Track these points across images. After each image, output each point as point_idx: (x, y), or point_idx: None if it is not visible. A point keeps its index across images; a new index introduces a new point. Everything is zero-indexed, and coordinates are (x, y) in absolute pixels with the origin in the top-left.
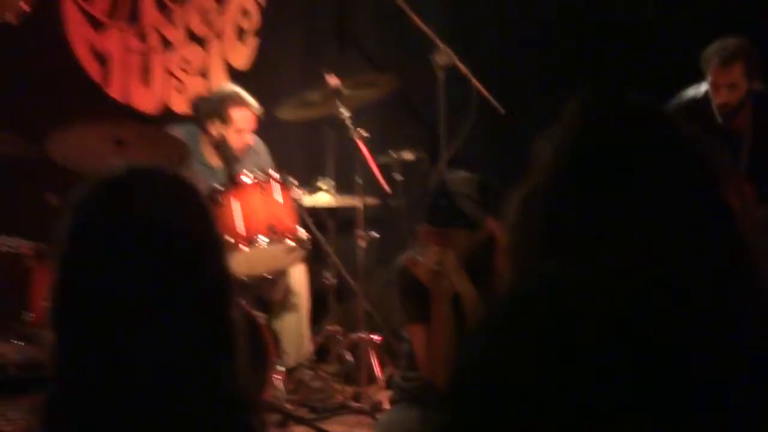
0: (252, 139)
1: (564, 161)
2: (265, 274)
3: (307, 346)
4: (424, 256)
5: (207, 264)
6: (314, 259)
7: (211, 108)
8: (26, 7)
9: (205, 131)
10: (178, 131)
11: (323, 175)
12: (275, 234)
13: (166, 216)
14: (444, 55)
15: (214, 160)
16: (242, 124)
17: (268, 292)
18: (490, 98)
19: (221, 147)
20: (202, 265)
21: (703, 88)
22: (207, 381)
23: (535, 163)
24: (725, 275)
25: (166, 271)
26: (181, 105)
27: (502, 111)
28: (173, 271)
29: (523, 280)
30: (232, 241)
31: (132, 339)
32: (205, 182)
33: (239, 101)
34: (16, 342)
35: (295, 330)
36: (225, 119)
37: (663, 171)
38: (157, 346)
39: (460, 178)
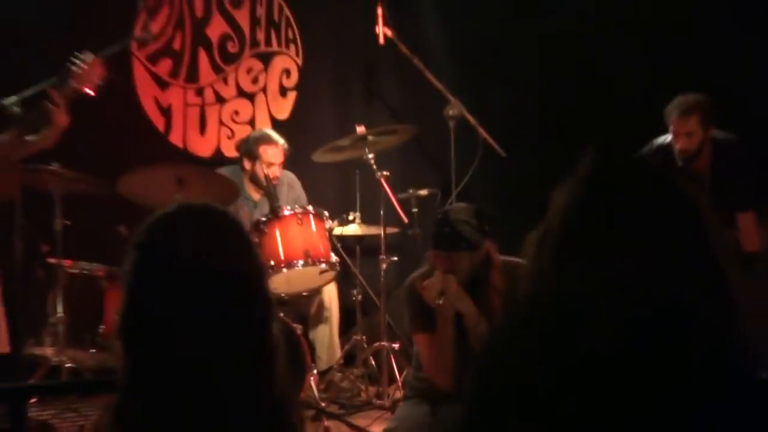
0: (280, 172)
1: (573, 209)
2: (301, 292)
3: (337, 353)
4: (431, 281)
5: (250, 288)
6: (343, 279)
7: (246, 148)
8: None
9: (243, 169)
10: (225, 171)
11: (352, 208)
12: (310, 258)
13: (213, 247)
14: (454, 108)
15: (255, 195)
16: (270, 158)
17: (304, 307)
18: (494, 144)
19: (266, 185)
20: (246, 289)
21: (668, 137)
22: (252, 385)
23: (551, 208)
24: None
25: (215, 294)
26: (231, 150)
27: (504, 154)
28: (221, 294)
29: (539, 292)
30: (274, 264)
31: (187, 350)
32: (248, 214)
33: (266, 139)
34: (91, 350)
35: (327, 339)
36: (256, 156)
37: (660, 225)
38: (208, 355)
39: (459, 208)
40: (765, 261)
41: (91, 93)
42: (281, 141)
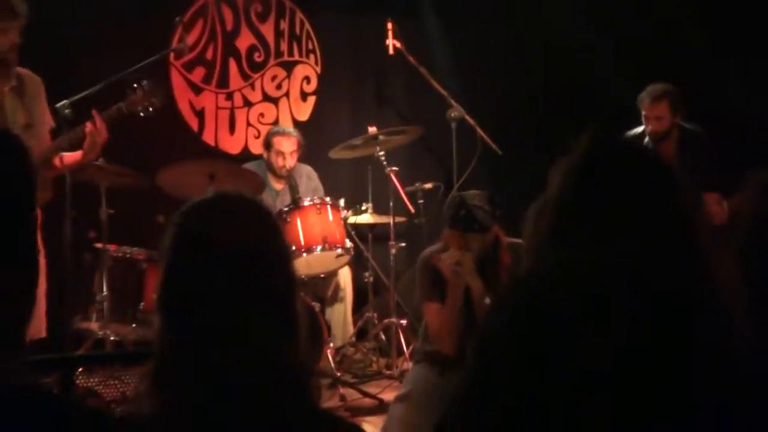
0: (294, 161)
1: (571, 182)
2: (319, 274)
3: (351, 329)
4: (447, 255)
5: (276, 266)
6: (357, 262)
7: (265, 141)
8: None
9: (267, 161)
10: (251, 165)
11: (364, 199)
12: (327, 244)
13: (245, 230)
14: (456, 111)
15: (278, 185)
16: (281, 147)
17: (322, 287)
18: (491, 143)
19: (288, 179)
20: (272, 268)
21: (640, 128)
22: (277, 353)
23: (549, 182)
24: (690, 273)
25: (244, 272)
26: (257, 148)
27: (499, 152)
28: (250, 272)
29: (536, 267)
30: (295, 249)
31: (218, 322)
32: (271, 203)
33: (279, 131)
34: (132, 324)
35: (341, 316)
36: (270, 146)
37: (647, 194)
38: (237, 327)
39: (474, 194)
40: (727, 231)
41: (141, 114)
42: (292, 132)
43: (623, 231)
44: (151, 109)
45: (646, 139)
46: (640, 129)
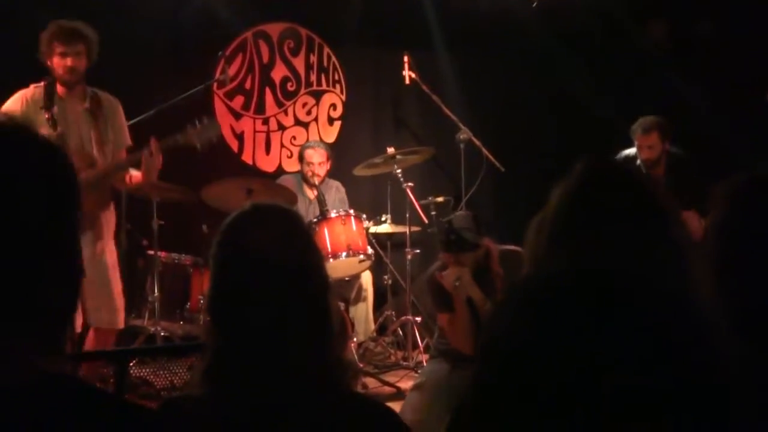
0: (323, 171)
1: (568, 200)
2: (344, 277)
3: (372, 325)
4: (447, 273)
5: (309, 270)
6: (377, 267)
7: (298, 155)
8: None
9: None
10: (290, 177)
11: (384, 211)
12: (351, 251)
13: (279, 238)
14: (464, 133)
15: (311, 195)
16: (311, 159)
17: (346, 289)
18: (494, 161)
19: (318, 194)
20: (306, 271)
21: (632, 150)
22: (313, 347)
23: (549, 201)
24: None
25: (281, 275)
26: (290, 166)
27: (502, 169)
28: (286, 275)
29: (535, 272)
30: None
31: (260, 322)
32: (305, 210)
33: (308, 144)
34: (180, 322)
35: (364, 314)
36: (303, 158)
37: (633, 212)
38: (277, 326)
39: (460, 217)
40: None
41: (198, 147)
42: (320, 145)
43: (613, 244)
44: (203, 144)
45: (638, 160)
46: (632, 151)
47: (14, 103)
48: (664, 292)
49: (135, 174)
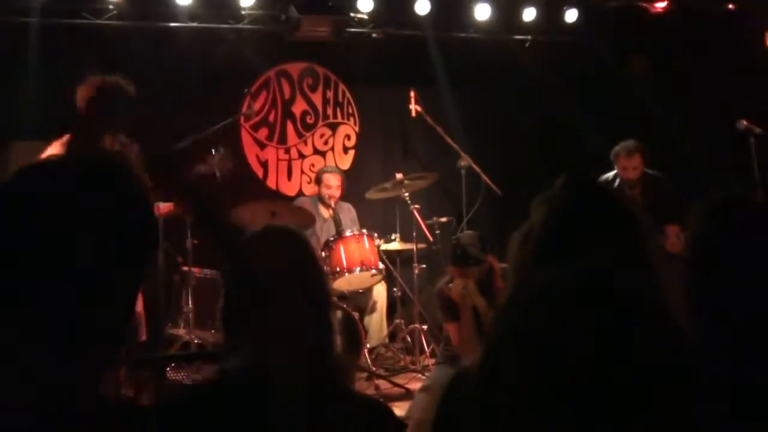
0: (339, 194)
1: (550, 214)
2: (358, 290)
3: (384, 333)
4: (454, 284)
5: (311, 284)
6: (388, 280)
7: (316, 178)
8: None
9: (318, 195)
10: (307, 199)
11: (393, 231)
12: (364, 266)
13: (287, 256)
14: (465, 161)
15: (326, 214)
16: (329, 182)
17: (360, 300)
18: (492, 186)
19: (334, 217)
20: (309, 284)
21: (611, 174)
22: (316, 351)
23: (532, 213)
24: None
25: (291, 289)
26: (309, 190)
27: (500, 193)
28: (295, 289)
29: (522, 283)
30: (339, 270)
31: (267, 332)
32: (320, 228)
33: (326, 169)
34: (212, 331)
35: (377, 323)
36: (321, 181)
37: (610, 225)
38: (284, 332)
39: (467, 235)
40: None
41: (217, 175)
42: (337, 170)
43: (591, 253)
44: (222, 172)
45: (617, 182)
46: (611, 174)
47: (55, 149)
48: (646, 297)
49: (163, 206)
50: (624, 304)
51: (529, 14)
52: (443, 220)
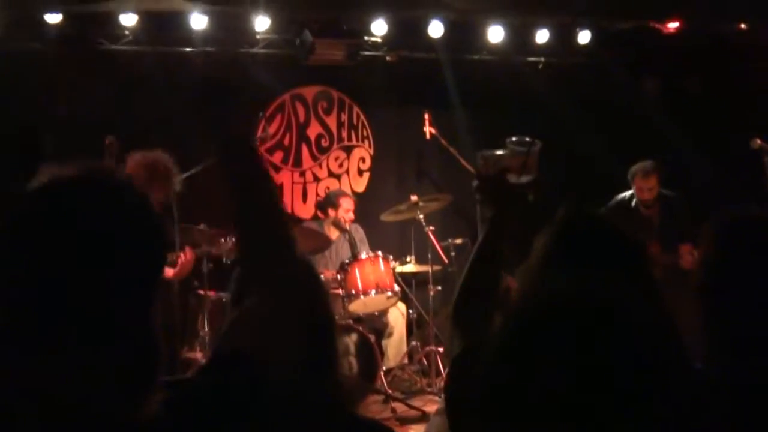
0: (353, 217)
1: (552, 245)
2: (374, 312)
3: (402, 355)
4: None
5: (319, 304)
6: (404, 302)
7: (330, 201)
8: None
9: (325, 218)
10: (314, 223)
11: (408, 253)
12: (380, 288)
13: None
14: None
15: (333, 236)
16: (346, 206)
17: (377, 323)
18: None
19: (349, 240)
20: (317, 306)
21: (627, 193)
22: (318, 373)
23: (534, 247)
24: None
25: (294, 313)
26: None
27: None
28: (298, 313)
29: (526, 299)
30: (354, 292)
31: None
32: (330, 253)
33: (343, 193)
34: None
35: (394, 345)
36: (337, 206)
37: (608, 250)
38: (291, 353)
39: None
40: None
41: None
42: (350, 194)
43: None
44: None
45: (633, 201)
46: (628, 194)
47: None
48: (645, 320)
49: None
50: (621, 330)
51: (542, 36)
52: (458, 241)
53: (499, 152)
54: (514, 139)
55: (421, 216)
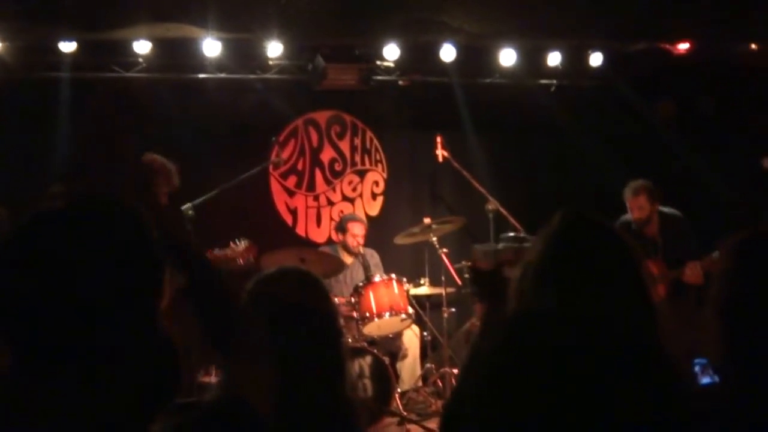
0: (363, 242)
1: (548, 249)
2: (388, 335)
3: (416, 377)
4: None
5: (325, 321)
6: (417, 324)
7: (340, 226)
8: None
9: (339, 242)
10: (328, 248)
11: (422, 275)
12: (394, 311)
13: (300, 293)
14: (492, 204)
15: (347, 260)
16: (355, 231)
17: (391, 345)
18: (520, 228)
19: (362, 262)
20: (321, 321)
21: (629, 215)
22: (325, 386)
23: (530, 249)
24: (636, 315)
25: (298, 323)
26: (334, 237)
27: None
28: (304, 324)
29: (521, 309)
30: (368, 315)
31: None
32: (344, 277)
33: (352, 218)
34: None
35: (409, 367)
36: (345, 230)
37: (604, 257)
38: (301, 367)
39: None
40: (700, 289)
41: (241, 263)
42: (361, 219)
43: (587, 283)
44: (245, 261)
45: (632, 222)
46: (629, 216)
47: None
48: (634, 332)
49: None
50: (615, 340)
51: (553, 59)
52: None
53: (498, 246)
54: (510, 234)
55: (435, 238)
